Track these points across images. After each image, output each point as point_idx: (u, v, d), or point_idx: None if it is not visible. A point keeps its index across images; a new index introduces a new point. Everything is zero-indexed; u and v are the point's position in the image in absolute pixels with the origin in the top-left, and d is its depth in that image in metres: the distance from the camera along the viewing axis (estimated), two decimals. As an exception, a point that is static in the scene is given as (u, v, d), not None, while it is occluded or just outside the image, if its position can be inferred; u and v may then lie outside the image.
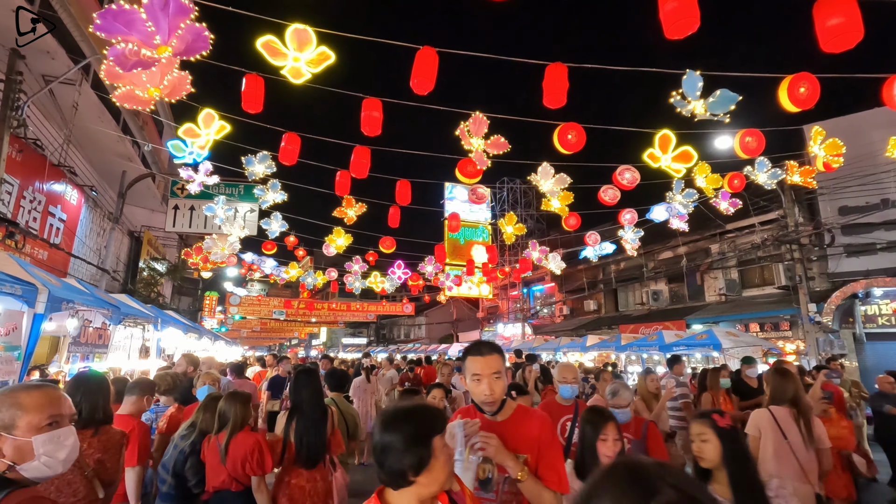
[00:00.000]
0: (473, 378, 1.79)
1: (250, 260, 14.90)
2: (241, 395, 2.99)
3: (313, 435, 3.01)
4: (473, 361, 1.82)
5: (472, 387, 1.81)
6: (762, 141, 6.34)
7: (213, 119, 6.50)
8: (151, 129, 16.80)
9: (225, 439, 2.83)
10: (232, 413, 2.87)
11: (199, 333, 9.60)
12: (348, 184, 8.34)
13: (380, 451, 1.25)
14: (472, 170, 6.83)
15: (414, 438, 1.23)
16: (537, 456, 1.75)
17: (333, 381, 3.82)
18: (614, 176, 7.25)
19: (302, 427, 3.02)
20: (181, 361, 4.27)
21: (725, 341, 11.20)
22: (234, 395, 2.99)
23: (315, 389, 3.19)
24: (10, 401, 1.38)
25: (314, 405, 3.12)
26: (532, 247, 12.18)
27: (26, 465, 1.36)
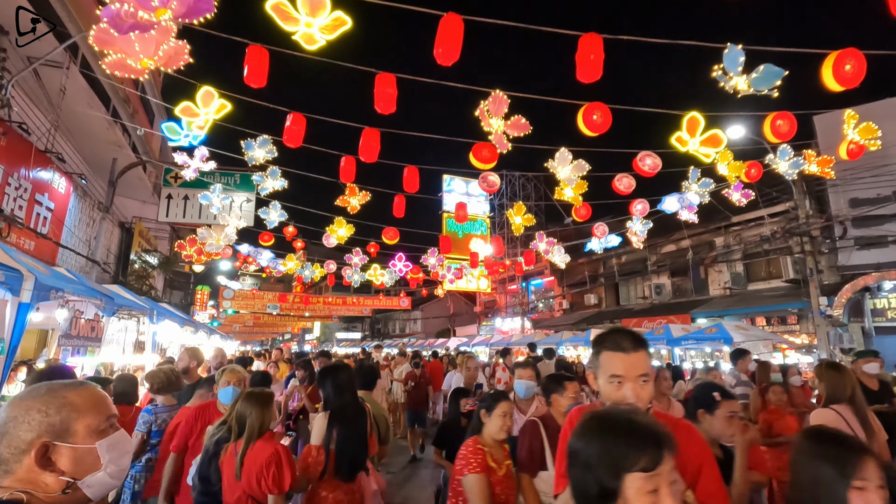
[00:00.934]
0: (611, 380, 1.44)
1: (246, 252, 14.45)
2: (262, 396, 2.59)
3: (358, 445, 2.74)
4: (612, 359, 1.47)
5: (607, 391, 1.45)
6: (794, 125, 6.04)
7: (212, 97, 6.08)
8: (142, 118, 16.24)
9: (242, 449, 2.44)
10: (250, 417, 2.48)
11: (194, 327, 9.19)
12: (353, 170, 7.95)
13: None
14: (488, 154, 6.47)
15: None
16: (697, 485, 1.39)
17: (362, 377, 3.45)
18: (635, 162, 6.92)
19: (344, 436, 2.71)
20: (182, 355, 3.85)
21: (736, 335, 10.96)
22: (253, 395, 2.59)
23: (355, 391, 2.96)
24: (58, 401, 1.08)
25: (358, 410, 2.85)
26: (539, 238, 11.86)
27: (89, 478, 1.08)
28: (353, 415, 2.82)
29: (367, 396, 3.36)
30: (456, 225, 23.72)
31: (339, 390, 2.85)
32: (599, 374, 1.50)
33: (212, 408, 3.19)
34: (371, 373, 3.57)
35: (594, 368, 1.57)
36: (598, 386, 1.52)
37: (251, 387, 2.98)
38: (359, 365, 3.77)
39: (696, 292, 17.28)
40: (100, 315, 4.99)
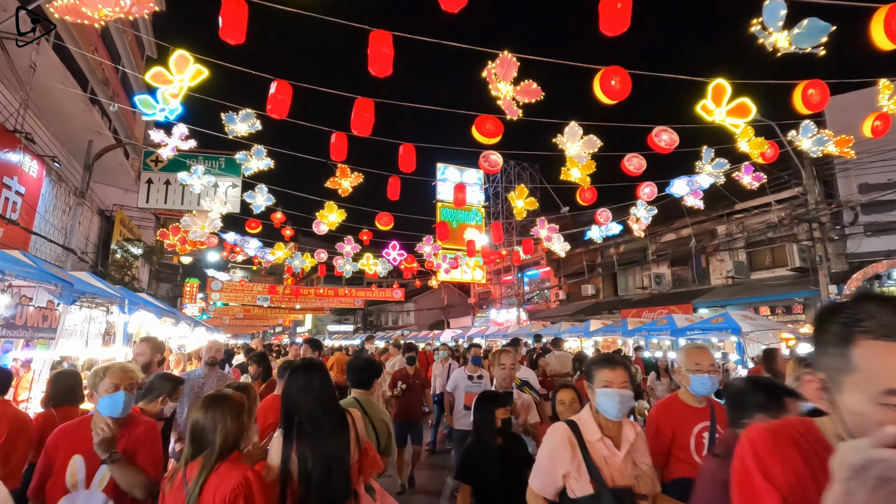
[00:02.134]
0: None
1: (232, 240, 13.78)
2: (230, 401, 1.91)
3: (327, 466, 1.99)
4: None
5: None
6: (826, 95, 5.55)
7: (186, 62, 5.45)
8: (123, 100, 15.45)
9: (200, 474, 1.75)
10: (215, 428, 1.82)
11: (175, 318, 8.58)
12: (345, 148, 7.36)
13: None
14: (492, 128, 5.91)
15: None
16: None
17: (356, 375, 2.87)
18: (650, 138, 6.41)
19: (308, 456, 1.97)
20: (141, 348, 3.17)
21: (743, 324, 10.56)
22: (219, 399, 1.90)
23: (323, 397, 2.13)
24: None
25: (324, 421, 2.07)
26: (540, 224, 11.35)
27: None
28: (312, 427, 2.04)
29: (363, 398, 2.82)
30: (450, 214, 23.16)
31: (293, 395, 2.09)
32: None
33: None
34: (368, 368, 2.91)
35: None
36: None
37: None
38: (353, 358, 3.14)
39: (698, 282, 16.91)
40: (54, 302, 4.41)
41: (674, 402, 2.41)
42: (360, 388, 2.85)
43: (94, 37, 12.53)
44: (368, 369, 2.93)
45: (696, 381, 2.31)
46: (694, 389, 2.32)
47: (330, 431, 2.08)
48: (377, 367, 2.99)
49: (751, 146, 6.74)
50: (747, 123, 6.87)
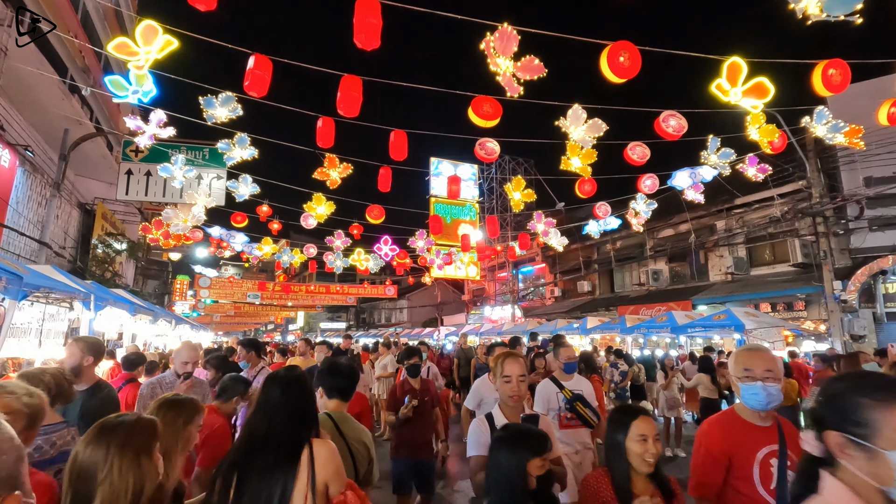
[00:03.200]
0: None
1: (218, 235, 13.26)
2: (127, 434, 1.30)
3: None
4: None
5: None
6: (848, 76, 5.17)
7: (155, 33, 4.97)
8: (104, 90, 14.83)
9: None
10: (110, 473, 1.21)
11: (153, 315, 8.09)
12: (332, 133, 6.90)
13: None
14: (490, 110, 5.49)
15: None
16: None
17: (333, 382, 2.29)
18: (657, 123, 6.01)
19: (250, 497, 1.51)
20: (71, 349, 2.64)
21: (747, 322, 10.23)
22: (109, 428, 1.30)
23: (300, 419, 1.69)
24: None
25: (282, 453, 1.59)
26: (537, 218, 10.94)
27: None
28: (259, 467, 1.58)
29: (338, 413, 2.24)
30: (444, 210, 22.73)
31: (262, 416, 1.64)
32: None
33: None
34: (350, 375, 2.35)
35: None
36: None
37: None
38: (330, 362, 2.46)
39: (696, 278, 16.61)
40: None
41: (730, 419, 1.94)
42: (337, 397, 2.29)
43: (72, 21, 11.97)
44: (350, 377, 2.37)
45: (746, 392, 1.87)
46: (746, 401, 1.89)
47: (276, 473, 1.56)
48: (354, 373, 2.42)
49: (761, 134, 6.36)
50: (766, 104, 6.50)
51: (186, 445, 1.83)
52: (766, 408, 1.85)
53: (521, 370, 2.43)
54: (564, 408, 3.53)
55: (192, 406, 1.92)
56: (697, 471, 1.88)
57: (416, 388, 4.30)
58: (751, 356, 1.94)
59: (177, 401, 1.90)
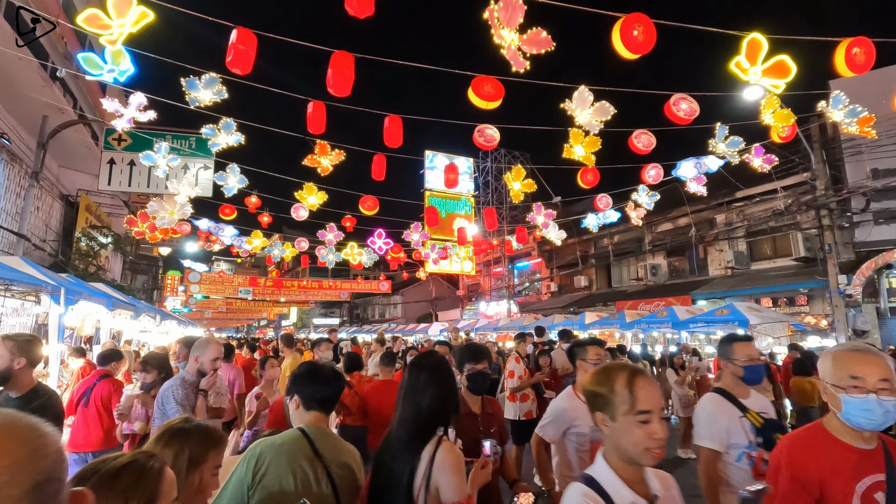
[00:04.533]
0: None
1: (206, 228, 12.82)
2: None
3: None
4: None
5: None
6: (872, 55, 4.86)
7: (129, 4, 4.55)
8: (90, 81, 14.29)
9: None
10: None
11: (134, 310, 7.67)
12: (323, 118, 6.52)
13: None
14: (492, 90, 5.13)
15: None
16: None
17: (312, 390, 1.84)
18: (667, 106, 5.68)
19: None
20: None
21: (751, 317, 9.97)
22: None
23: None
24: None
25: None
26: (537, 210, 10.61)
27: None
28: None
29: (315, 429, 1.79)
30: (439, 203, 22.34)
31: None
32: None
33: None
34: (334, 381, 1.90)
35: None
36: None
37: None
38: (310, 365, 1.96)
39: (695, 273, 16.38)
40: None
41: (818, 437, 1.54)
42: (316, 410, 1.85)
43: (52, 3, 11.43)
44: (334, 383, 1.91)
45: (854, 407, 1.45)
46: (851, 418, 1.47)
47: None
48: (340, 379, 1.97)
49: (776, 119, 6.05)
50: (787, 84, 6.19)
51: (194, 498, 1.37)
52: (878, 427, 1.45)
53: (661, 400, 1.39)
54: (756, 444, 2.23)
55: (207, 438, 1.45)
56: (778, 499, 1.51)
57: (476, 414, 2.64)
58: (860, 360, 1.50)
59: (182, 430, 1.44)
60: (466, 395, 2.66)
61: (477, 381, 2.65)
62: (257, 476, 1.58)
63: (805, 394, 5.66)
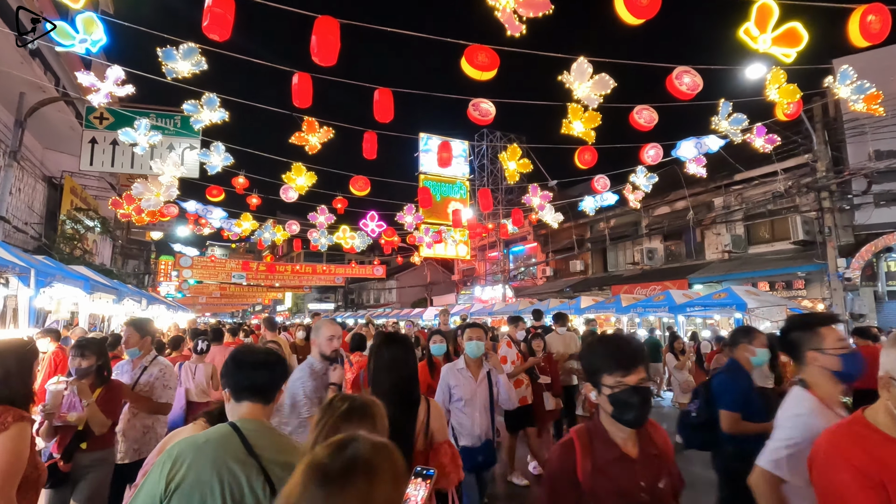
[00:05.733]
0: None
1: (193, 210, 12.49)
2: None
3: None
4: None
5: None
6: (888, 24, 4.59)
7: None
8: (73, 59, 13.77)
9: None
10: None
11: (116, 294, 7.41)
12: (310, 91, 6.20)
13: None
14: (486, 60, 4.84)
15: None
16: None
17: (236, 377, 1.60)
18: (669, 80, 5.41)
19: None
20: None
21: (749, 301, 9.84)
22: None
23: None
24: None
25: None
26: (533, 191, 10.35)
27: None
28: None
29: (251, 423, 1.54)
30: (434, 187, 22.00)
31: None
32: None
33: None
34: (271, 366, 1.64)
35: None
36: None
37: None
38: (246, 349, 1.73)
39: (692, 256, 16.24)
40: None
41: (865, 432, 1.30)
42: (248, 400, 1.59)
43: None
44: (268, 367, 1.63)
45: None
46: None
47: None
48: (284, 366, 1.71)
49: (781, 94, 5.79)
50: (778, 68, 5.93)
51: None
52: None
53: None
54: None
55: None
56: (843, 499, 1.24)
57: (633, 459, 1.61)
58: None
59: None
60: (609, 424, 1.60)
61: (631, 406, 1.53)
62: (172, 484, 1.33)
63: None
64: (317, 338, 2.99)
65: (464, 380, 3.51)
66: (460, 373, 3.55)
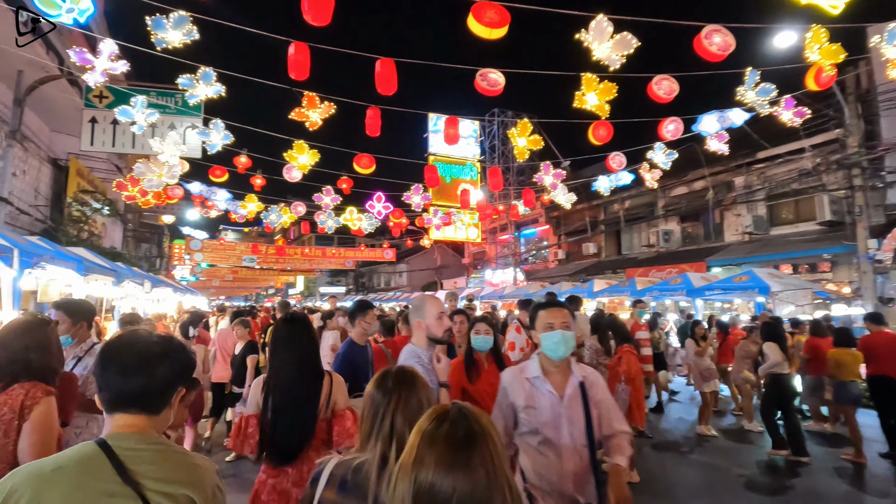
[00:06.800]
0: None
1: (197, 191, 12.28)
2: None
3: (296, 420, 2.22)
4: None
5: None
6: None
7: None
8: (77, 37, 13.46)
9: None
10: None
11: (115, 276, 7.21)
12: (307, 61, 5.84)
13: None
14: (495, 17, 4.42)
15: None
16: None
17: (104, 378, 1.16)
18: (698, 40, 4.94)
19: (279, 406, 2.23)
20: None
21: (772, 284, 9.38)
22: None
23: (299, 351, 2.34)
24: None
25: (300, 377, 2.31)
26: (545, 170, 9.92)
27: None
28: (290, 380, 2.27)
29: (127, 440, 1.12)
30: (443, 169, 21.56)
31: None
32: None
33: None
34: (131, 370, 1.16)
35: None
36: None
37: None
38: (128, 338, 1.25)
39: (711, 238, 15.68)
40: None
41: None
42: (122, 411, 1.17)
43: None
44: (151, 369, 1.19)
45: None
46: None
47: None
48: (179, 359, 1.25)
49: (823, 55, 5.27)
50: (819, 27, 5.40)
51: None
52: None
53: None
54: None
55: None
56: None
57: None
58: None
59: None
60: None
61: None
62: None
63: (845, 367, 5.13)
64: (420, 318, 2.41)
65: (540, 396, 2.18)
66: (534, 384, 2.21)
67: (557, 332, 2.17)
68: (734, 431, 6.93)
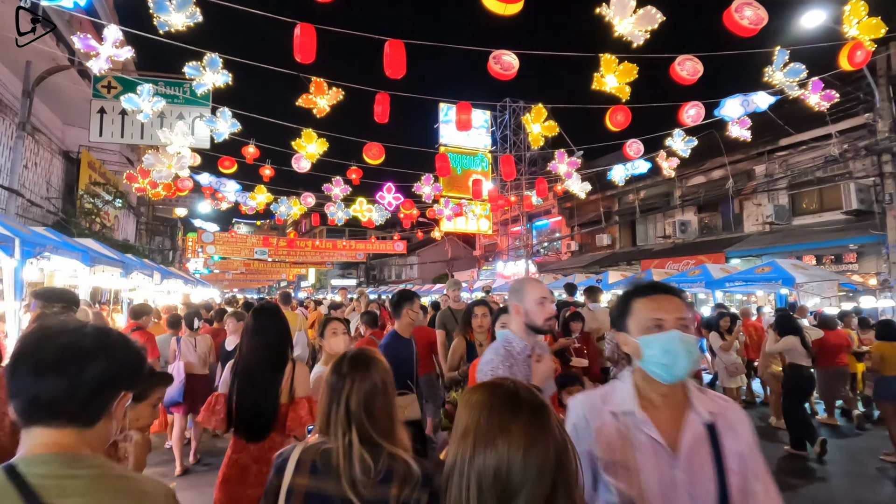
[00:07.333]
0: None
1: (207, 182, 12.19)
2: None
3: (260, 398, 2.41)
4: None
5: None
6: None
7: None
8: (86, 26, 13.40)
9: None
10: None
11: (123, 267, 7.13)
12: (314, 44, 5.64)
13: None
14: (509, -7, 4.16)
15: None
16: None
17: (15, 385, 0.85)
18: (728, 14, 4.63)
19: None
20: None
21: (797, 275, 9.01)
22: None
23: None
24: None
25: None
26: (559, 158, 9.63)
27: None
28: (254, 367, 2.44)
29: (48, 465, 0.84)
30: (454, 160, 21.28)
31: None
32: None
33: None
34: (44, 371, 0.88)
35: None
36: None
37: None
38: (15, 349, 0.95)
39: (730, 229, 15.25)
40: None
41: None
42: (43, 425, 0.90)
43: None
44: (78, 368, 0.90)
45: None
46: None
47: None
48: (114, 355, 0.94)
49: (861, 30, 4.93)
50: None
51: None
52: None
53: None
54: None
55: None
56: None
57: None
58: None
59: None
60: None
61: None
62: None
63: (888, 361, 4.84)
64: (519, 303, 2.00)
65: (638, 447, 1.28)
66: (628, 425, 1.30)
67: (673, 334, 1.27)
68: (760, 429, 6.67)
